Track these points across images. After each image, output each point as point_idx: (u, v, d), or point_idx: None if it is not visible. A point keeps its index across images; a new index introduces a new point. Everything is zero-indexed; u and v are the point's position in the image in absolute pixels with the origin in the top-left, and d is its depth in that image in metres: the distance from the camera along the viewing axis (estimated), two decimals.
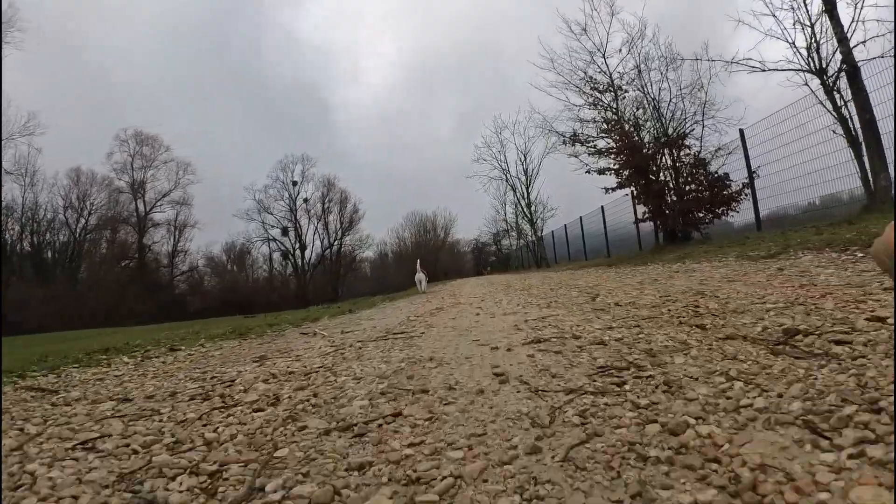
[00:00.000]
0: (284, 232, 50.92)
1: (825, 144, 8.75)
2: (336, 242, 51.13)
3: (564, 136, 15.54)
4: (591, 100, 14.93)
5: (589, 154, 14.71)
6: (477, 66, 70.61)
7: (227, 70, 63.72)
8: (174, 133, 60.63)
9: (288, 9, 70.90)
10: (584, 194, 48.64)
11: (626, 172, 12.69)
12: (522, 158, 30.39)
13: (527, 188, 29.87)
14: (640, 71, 13.66)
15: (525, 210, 30.03)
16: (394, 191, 67.09)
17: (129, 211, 46.27)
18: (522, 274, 18.55)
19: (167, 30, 59.35)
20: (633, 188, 12.90)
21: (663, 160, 12.37)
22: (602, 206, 17.59)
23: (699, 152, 11.84)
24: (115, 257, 45.54)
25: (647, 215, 12.75)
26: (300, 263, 50.95)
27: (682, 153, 12.07)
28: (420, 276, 10.63)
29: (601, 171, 13.63)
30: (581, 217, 20.25)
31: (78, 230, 44.65)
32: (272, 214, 50.22)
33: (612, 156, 13.38)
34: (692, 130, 12.10)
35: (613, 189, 13.46)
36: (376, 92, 78.42)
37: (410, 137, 72.68)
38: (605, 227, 17.59)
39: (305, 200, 50.82)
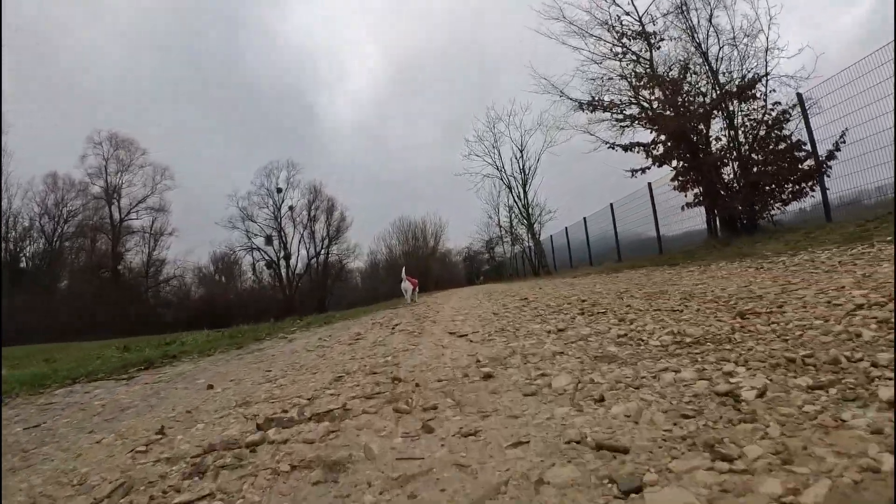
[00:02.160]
0: (268, 241, 48.17)
1: None
2: (323, 251, 48.34)
3: (581, 103, 12.12)
4: (616, 48, 11.30)
5: (613, 123, 11.43)
6: (465, 67, 68.22)
7: (208, 73, 61.08)
8: (153, 138, 57.58)
9: (270, 9, 68.42)
10: (586, 192, 46.04)
11: (663, 145, 9.42)
12: (519, 154, 26.66)
13: (524, 187, 26.19)
14: (684, 6, 10.12)
15: (522, 211, 26.35)
16: (383, 198, 64.33)
17: (101, 217, 43.21)
18: (524, 282, 15.53)
19: (144, 31, 56.67)
20: (677, 164, 9.49)
21: (721, 121, 9.12)
22: (611, 204, 14.86)
23: (773, 108, 8.34)
24: (93, 267, 42.56)
25: (697, 199, 9.33)
26: (285, 273, 48.10)
27: (749, 107, 8.67)
28: (406, 284, 9.30)
29: (628, 148, 10.34)
30: (585, 218, 17.49)
31: (55, 238, 41.74)
32: (256, 222, 47.45)
33: (645, 122, 10.19)
34: (762, 78, 8.62)
35: (643, 170, 10.14)
36: (363, 96, 75.95)
37: (399, 142, 70.10)
38: (615, 228, 14.80)
39: (291, 208, 48.24)
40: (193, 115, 59.47)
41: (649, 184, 12.30)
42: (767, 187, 8.11)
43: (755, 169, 8.45)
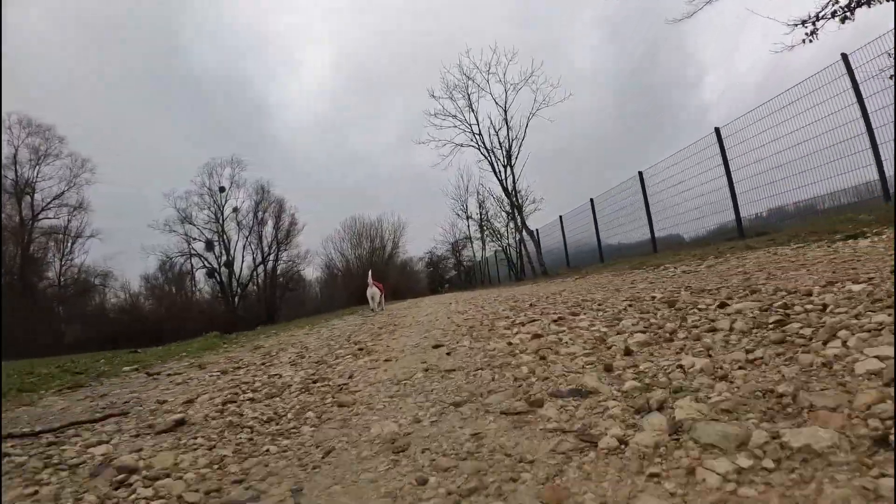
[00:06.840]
0: (209, 246, 41.33)
1: None
2: (271, 258, 42.05)
3: None
4: None
5: None
6: (429, 61, 63.46)
7: (142, 57, 53.55)
8: (74, 127, 49.03)
9: None
10: (580, 180, 41.67)
11: None
12: (502, 116, 18.68)
13: (508, 162, 18.57)
14: None
15: (508, 190, 18.78)
16: (340, 203, 58.57)
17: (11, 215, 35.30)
18: (535, 287, 10.10)
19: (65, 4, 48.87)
20: None
21: None
22: (640, 173, 10.40)
23: None
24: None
25: None
26: (228, 282, 41.46)
27: None
28: (372, 290, 8.30)
29: None
30: (592, 199, 12.91)
31: None
32: (195, 225, 40.55)
33: None
34: None
35: (849, 11, 5.43)
36: (318, 92, 69.14)
37: (357, 144, 64.02)
38: (647, 207, 10.27)
39: (235, 209, 41.65)
40: (125, 103, 51.57)
41: (717, 129, 7.97)
42: None
43: None
